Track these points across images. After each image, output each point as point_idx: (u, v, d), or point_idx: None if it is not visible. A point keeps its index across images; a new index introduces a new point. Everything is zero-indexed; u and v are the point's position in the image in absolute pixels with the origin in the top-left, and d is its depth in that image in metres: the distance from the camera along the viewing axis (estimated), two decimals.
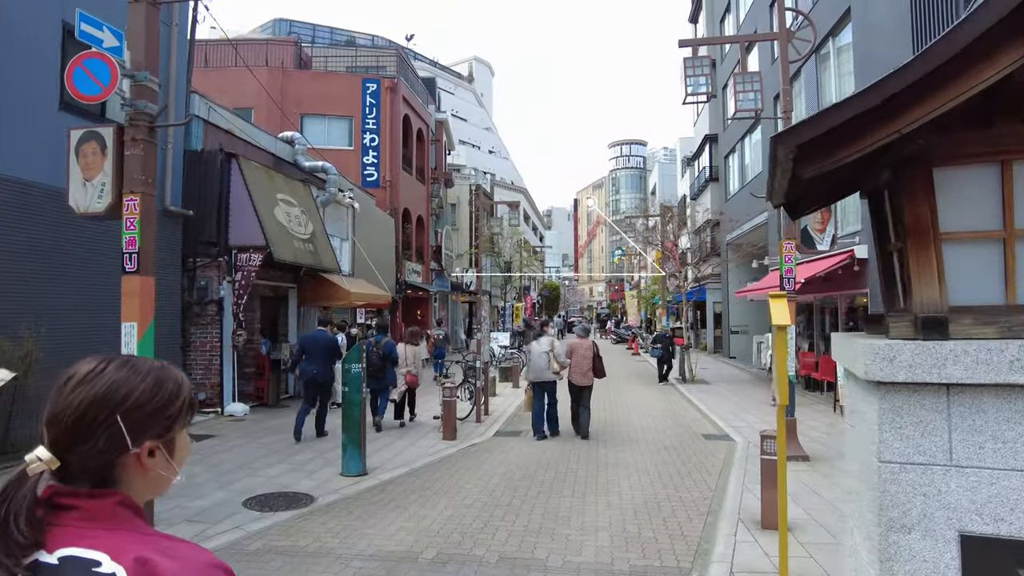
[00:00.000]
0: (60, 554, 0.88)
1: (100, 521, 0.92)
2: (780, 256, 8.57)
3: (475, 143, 62.15)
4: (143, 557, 0.87)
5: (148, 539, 0.92)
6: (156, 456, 0.99)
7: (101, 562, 0.87)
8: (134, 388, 0.97)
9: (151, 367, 1.02)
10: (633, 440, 9.79)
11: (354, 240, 17.12)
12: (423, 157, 25.27)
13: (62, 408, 0.94)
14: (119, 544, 0.89)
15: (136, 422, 0.96)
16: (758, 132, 22.22)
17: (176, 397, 1.02)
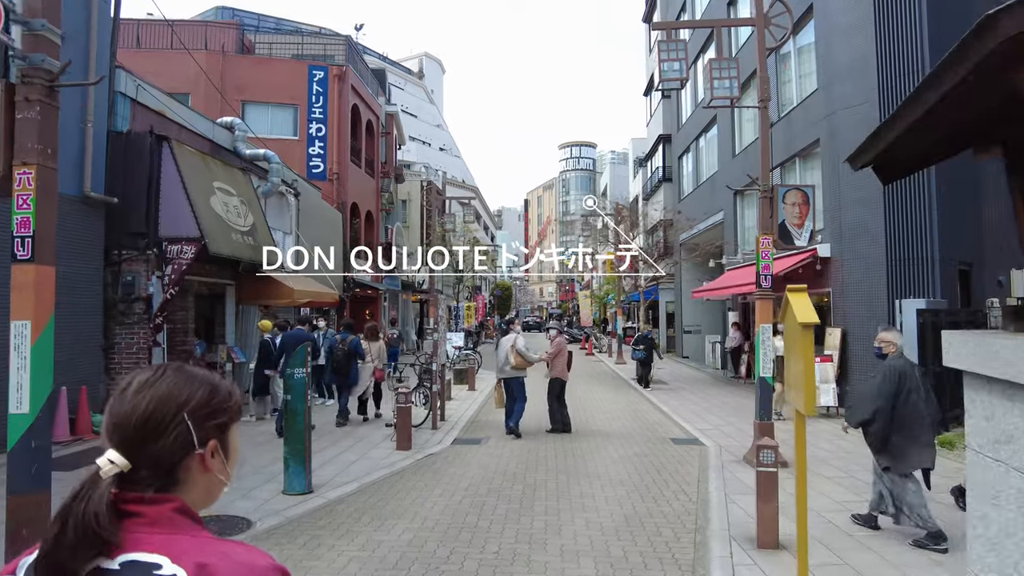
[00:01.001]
0: (122, 559, 0.89)
1: (160, 526, 0.93)
2: (756, 251, 8.15)
3: (426, 140, 61.06)
4: (203, 562, 0.89)
5: (207, 544, 0.93)
6: (216, 457, 1.02)
7: (162, 565, 0.88)
8: (195, 390, 1.02)
9: (203, 374, 1.06)
10: (601, 446, 9.24)
11: (298, 234, 16.09)
12: (373, 150, 24.27)
13: (128, 411, 0.97)
14: (179, 548, 0.91)
15: (199, 421, 1.00)
16: (714, 130, 22.14)
17: (230, 399, 1.06)
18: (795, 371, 3.55)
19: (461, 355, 18.54)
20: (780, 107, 16.34)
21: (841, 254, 12.90)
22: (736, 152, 19.64)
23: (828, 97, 13.51)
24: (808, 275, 13.80)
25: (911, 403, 5.10)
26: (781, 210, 8.09)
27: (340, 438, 9.65)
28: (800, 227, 8.09)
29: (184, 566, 0.88)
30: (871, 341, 12.12)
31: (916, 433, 5.12)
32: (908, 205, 11.79)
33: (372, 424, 10.74)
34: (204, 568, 0.88)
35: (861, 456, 7.90)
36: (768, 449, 5.04)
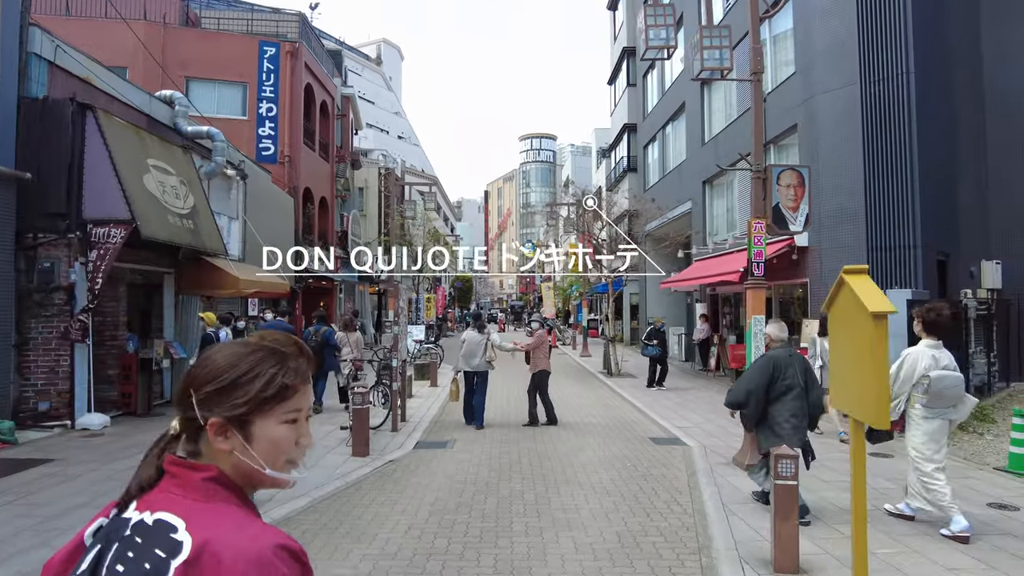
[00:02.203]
0: (156, 516, 0.95)
1: (189, 491, 0.98)
2: (748, 237, 7.53)
3: (384, 127, 59.52)
4: (207, 537, 0.91)
5: (225, 516, 0.95)
6: (230, 438, 1.01)
7: (178, 528, 0.92)
8: (207, 367, 1.04)
9: (242, 353, 1.05)
10: (578, 448, 8.52)
11: (245, 220, 14.93)
12: (328, 132, 23.04)
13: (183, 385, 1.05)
14: (198, 517, 0.94)
15: (204, 397, 1.01)
16: (682, 118, 21.65)
17: (248, 383, 1.02)
18: (857, 375, 2.84)
19: (422, 349, 17.64)
20: None
21: (819, 243, 12.46)
22: (706, 140, 19.17)
23: (806, 81, 13.04)
24: (784, 265, 13.36)
25: (782, 390, 5.50)
26: (775, 192, 7.47)
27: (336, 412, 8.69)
28: (795, 210, 7.50)
29: (193, 534, 0.91)
30: None
31: (782, 418, 5.48)
32: (890, 192, 11.39)
33: (327, 425, 9.80)
34: (207, 543, 0.90)
35: None
36: (786, 460, 4.36)
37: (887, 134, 11.43)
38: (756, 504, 5.94)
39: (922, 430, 5.20)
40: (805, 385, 5.58)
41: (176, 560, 0.90)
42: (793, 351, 5.86)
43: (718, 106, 18.71)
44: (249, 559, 0.89)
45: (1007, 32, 15.45)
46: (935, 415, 5.19)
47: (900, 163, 11.30)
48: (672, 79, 22.75)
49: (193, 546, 0.90)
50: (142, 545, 0.93)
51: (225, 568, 0.88)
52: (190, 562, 0.89)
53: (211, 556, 0.89)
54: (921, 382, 5.14)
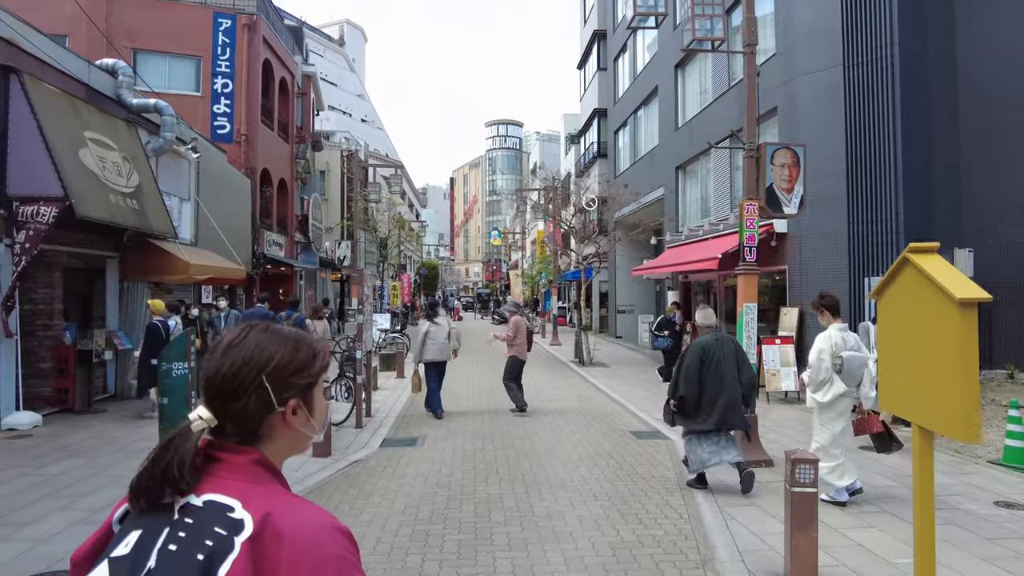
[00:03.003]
0: (205, 498, 0.97)
1: (239, 474, 1.00)
2: (740, 220, 7.07)
3: (346, 110, 57.94)
4: (269, 511, 0.94)
5: (277, 496, 0.99)
6: (298, 414, 1.07)
7: (234, 508, 0.95)
8: (275, 351, 1.06)
9: (289, 333, 1.11)
10: (557, 443, 8.01)
11: (198, 201, 13.99)
12: (287, 111, 21.95)
13: (214, 371, 1.04)
14: (252, 496, 0.97)
15: (279, 382, 1.05)
16: (654, 103, 21.23)
17: (314, 359, 1.10)
18: (929, 377, 2.34)
19: (388, 339, 16.93)
20: (731, 76, 15.48)
21: (799, 230, 12.14)
22: (679, 124, 18.78)
23: (787, 63, 12.67)
24: (762, 252, 12.99)
25: (713, 373, 5.87)
26: (769, 172, 7.02)
27: None
28: (790, 192, 7.06)
29: (252, 513, 0.94)
30: None
31: (715, 397, 5.84)
32: (873, 178, 11.11)
33: None
34: (269, 516, 0.93)
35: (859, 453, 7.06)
36: (805, 465, 3.89)
37: (871, 118, 11.14)
38: (755, 507, 5.51)
39: (834, 409, 5.53)
40: (737, 367, 5.95)
41: (240, 537, 0.92)
42: (721, 335, 6.16)
43: (692, 90, 18.33)
44: (308, 537, 0.92)
45: (981, 14, 15.31)
46: (848, 394, 5.52)
47: (884, 148, 11.02)
48: (644, 63, 22.31)
49: (255, 523, 0.92)
50: (197, 525, 0.94)
51: (286, 544, 0.91)
52: (255, 537, 0.91)
53: (273, 532, 0.92)
54: (834, 363, 5.44)
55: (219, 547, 0.91)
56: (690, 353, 6.03)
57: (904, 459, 7.08)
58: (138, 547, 0.94)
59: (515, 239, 57.05)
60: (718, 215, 15.75)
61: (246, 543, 0.91)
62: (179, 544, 0.92)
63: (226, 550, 0.91)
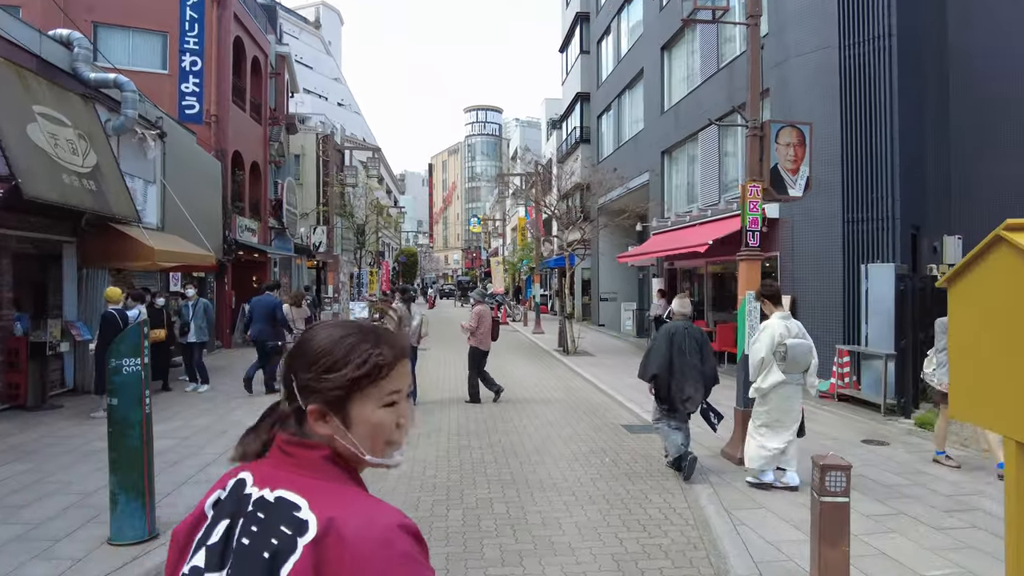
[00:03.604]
0: (277, 493, 0.95)
1: (308, 470, 0.98)
2: (743, 202, 6.65)
3: (323, 94, 56.65)
4: (332, 515, 0.91)
5: (343, 496, 0.96)
6: (329, 423, 1.00)
7: (301, 507, 0.92)
8: (314, 346, 1.02)
9: (338, 333, 1.03)
10: (547, 439, 7.58)
11: (164, 184, 13.26)
12: (260, 92, 21.09)
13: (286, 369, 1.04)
14: (319, 495, 0.94)
15: (303, 383, 1.01)
16: (639, 86, 20.78)
17: (342, 366, 1.00)
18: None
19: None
20: (720, 58, 15.06)
21: (791, 215, 11.80)
22: (665, 108, 18.35)
23: (780, 43, 12.25)
24: None
25: (680, 360, 6.02)
26: (774, 152, 6.60)
27: (213, 438, 7.44)
28: (795, 173, 6.65)
29: (317, 514, 0.91)
30: (824, 309, 11.14)
31: (682, 383, 6.00)
32: (868, 162, 10.77)
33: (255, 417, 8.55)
34: (332, 521, 0.90)
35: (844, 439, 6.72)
36: (837, 472, 3.48)
37: (867, 100, 10.78)
38: (764, 510, 5.13)
39: (779, 395, 5.56)
40: (701, 356, 6.11)
41: (303, 539, 0.90)
42: (690, 324, 6.32)
43: (679, 72, 17.89)
44: (372, 538, 0.90)
45: None
46: (792, 380, 5.55)
47: (880, 131, 10.68)
48: (629, 45, 21.82)
49: (319, 525, 0.90)
50: (266, 521, 0.94)
51: (349, 547, 0.88)
52: (317, 541, 0.89)
53: (336, 535, 0.89)
54: (778, 350, 5.47)
55: (283, 547, 0.90)
56: (660, 337, 6.22)
57: (907, 452, 6.77)
58: (226, 537, 0.95)
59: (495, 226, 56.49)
60: (706, 201, 15.38)
61: (308, 546, 0.89)
62: (250, 539, 0.93)
63: (289, 551, 0.89)
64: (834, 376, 10.09)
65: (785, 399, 5.57)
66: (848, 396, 9.85)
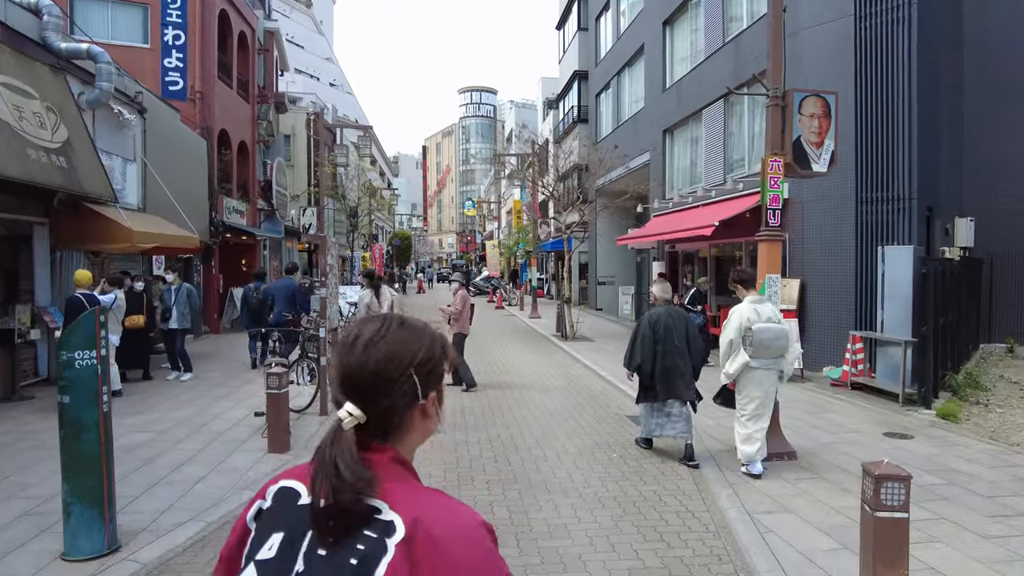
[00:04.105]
0: None
1: (380, 473, 0.96)
2: (763, 178, 6.14)
3: (314, 74, 55.58)
4: (418, 516, 0.91)
5: (420, 494, 0.98)
6: (434, 406, 1.06)
7: (382, 510, 0.92)
8: (419, 346, 1.03)
9: (424, 326, 1.09)
10: (548, 433, 7.11)
11: (145, 162, 12.65)
12: (248, 69, 20.36)
13: (359, 367, 0.99)
14: (397, 496, 0.94)
15: (423, 376, 1.02)
16: (639, 63, 20.14)
17: (446, 352, 1.08)
18: None
19: (357, 312, 15.83)
20: (725, 32, 14.46)
21: (801, 194, 11.29)
22: (667, 85, 17.74)
23: (791, 14, 11.59)
24: (758, 219, 12.16)
25: (663, 345, 6.01)
26: (796, 123, 6.08)
27: (191, 432, 6.95)
28: (819, 146, 6.14)
29: (401, 514, 0.92)
30: (836, 293, 10.68)
31: (665, 369, 5.99)
32: (884, 140, 10.26)
33: (239, 409, 8.06)
34: (419, 521, 0.91)
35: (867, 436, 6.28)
36: (895, 484, 3.01)
37: (883, 74, 10.25)
38: (790, 514, 4.68)
39: (751, 381, 5.53)
40: (687, 339, 6.06)
41: (392, 539, 0.90)
42: (673, 309, 6.30)
43: (682, 48, 17.27)
44: (460, 536, 0.92)
45: None
46: (761, 366, 5.49)
47: (897, 107, 10.16)
48: (629, 21, 21.14)
49: (406, 525, 0.90)
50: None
51: (440, 544, 0.89)
52: (407, 540, 0.89)
53: (425, 534, 0.90)
54: (746, 335, 5.46)
55: (371, 551, 0.90)
56: (642, 324, 6.19)
57: (934, 447, 6.34)
58: (282, 550, 0.93)
59: (490, 209, 55.84)
60: (710, 181, 14.85)
61: (400, 545, 0.89)
62: (328, 549, 0.91)
63: (379, 553, 0.89)
64: (847, 363, 9.65)
65: (758, 385, 5.54)
66: (862, 384, 9.42)
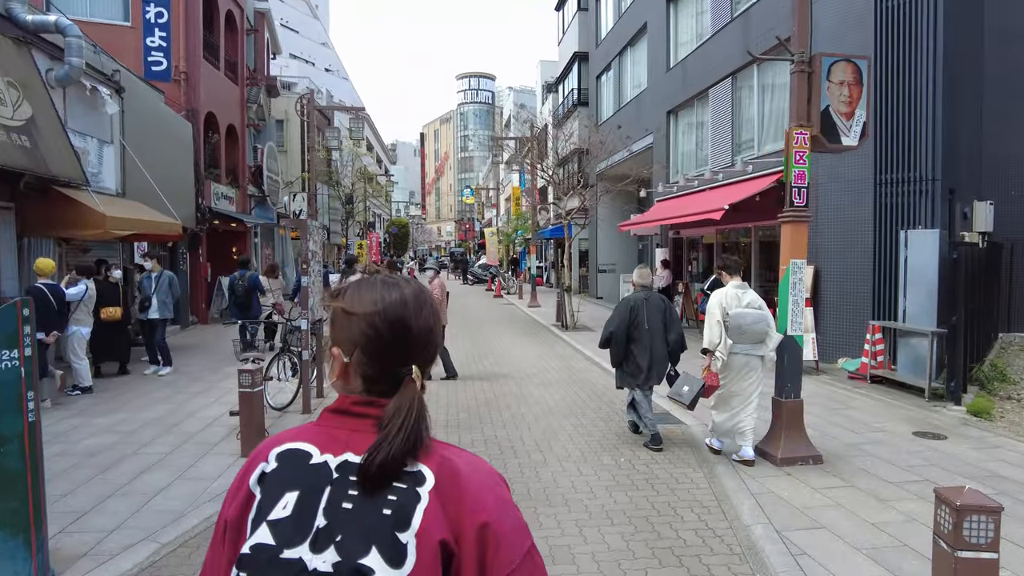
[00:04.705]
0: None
1: None
2: (787, 153, 5.53)
3: (309, 59, 54.69)
4: (447, 458, 0.98)
5: (439, 446, 1.00)
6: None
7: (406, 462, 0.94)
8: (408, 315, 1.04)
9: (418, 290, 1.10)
10: (550, 434, 6.55)
11: (124, 145, 12.00)
12: (236, 50, 19.62)
13: (426, 330, 1.05)
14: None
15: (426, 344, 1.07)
16: (642, 43, 19.43)
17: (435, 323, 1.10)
18: None
19: None
20: (733, 6, 13.77)
21: (815, 176, 10.62)
22: (671, 65, 17.06)
23: None
24: (768, 203, 11.55)
25: (639, 331, 6.02)
26: (824, 91, 5.46)
27: (161, 433, 6.38)
28: (849, 117, 5.52)
29: (426, 463, 0.95)
30: (853, 280, 10.09)
31: (642, 354, 6.02)
32: (906, 115, 9.63)
33: (215, 407, 7.50)
34: (443, 463, 0.96)
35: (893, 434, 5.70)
36: (982, 517, 2.44)
37: (906, 45, 9.60)
38: (824, 530, 4.12)
39: (730, 367, 5.53)
40: (664, 325, 6.08)
41: (423, 487, 0.93)
42: (651, 294, 6.29)
43: (687, 26, 16.57)
44: (483, 471, 0.99)
45: None
46: (741, 351, 5.48)
47: (921, 80, 9.52)
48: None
49: (434, 472, 0.94)
50: None
51: (465, 482, 0.95)
52: (439, 486, 0.93)
53: (451, 475, 0.95)
54: (724, 320, 5.46)
55: (405, 500, 0.91)
56: (618, 310, 6.22)
57: (972, 449, 5.77)
58: (299, 508, 0.93)
59: (488, 196, 55.13)
60: (717, 163, 14.21)
61: (432, 491, 0.92)
62: (354, 502, 0.92)
63: (413, 501, 0.91)
64: (865, 355, 9.08)
65: (736, 370, 5.52)
66: (881, 377, 8.86)
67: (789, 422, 5.55)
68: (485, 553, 0.91)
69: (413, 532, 0.89)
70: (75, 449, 5.87)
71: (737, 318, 5.39)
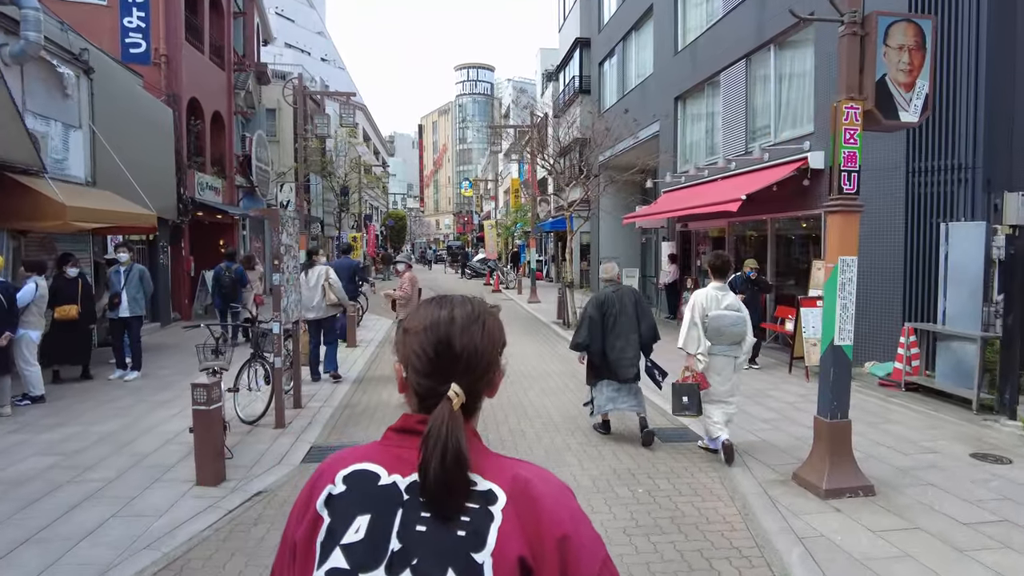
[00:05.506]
0: None
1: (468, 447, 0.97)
2: (835, 131, 4.68)
3: (305, 48, 53.64)
4: (519, 475, 0.96)
5: (506, 463, 0.99)
6: (499, 380, 1.10)
7: (476, 482, 0.94)
8: (499, 327, 1.10)
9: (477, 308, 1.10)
10: (555, 453, 5.74)
11: (94, 130, 11.15)
12: (222, 33, 18.70)
13: (472, 349, 1.02)
14: (485, 466, 0.97)
15: (502, 353, 1.10)
16: (648, 26, 18.52)
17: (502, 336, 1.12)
18: None
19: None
20: None
21: None
22: (679, 48, 16.17)
23: None
24: (786, 193, 10.70)
25: (612, 325, 6.04)
26: (880, 57, 4.61)
27: (110, 453, 5.57)
28: (909, 88, 4.68)
29: (497, 482, 0.95)
30: (880, 278, 9.24)
31: (613, 349, 6.03)
32: (944, 98, 8.79)
33: (177, 420, 6.68)
34: (519, 480, 0.95)
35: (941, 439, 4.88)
36: None
37: (946, 21, 8.75)
38: (868, 564, 3.32)
39: (708, 367, 5.53)
40: (636, 316, 6.06)
41: (496, 506, 0.92)
42: (620, 287, 6.26)
43: (695, 6, 15.68)
44: (555, 485, 0.98)
45: None
46: (718, 352, 5.54)
47: (961, 59, 8.68)
48: None
49: (506, 490, 0.94)
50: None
51: (539, 499, 0.93)
52: (513, 503, 0.93)
53: (523, 495, 0.93)
54: (704, 322, 5.48)
55: (479, 520, 0.91)
56: (590, 306, 6.20)
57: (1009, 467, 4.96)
58: (372, 531, 0.92)
59: (487, 188, 54.25)
60: (730, 151, 13.36)
61: (505, 509, 0.92)
62: (428, 525, 0.92)
63: (487, 521, 0.91)
64: (899, 360, 8.27)
65: (717, 372, 5.57)
66: (917, 384, 8.06)
67: (835, 446, 4.74)
68: (567, 566, 0.91)
69: (489, 552, 0.89)
70: (3, 476, 5.05)
71: (716, 320, 5.47)
